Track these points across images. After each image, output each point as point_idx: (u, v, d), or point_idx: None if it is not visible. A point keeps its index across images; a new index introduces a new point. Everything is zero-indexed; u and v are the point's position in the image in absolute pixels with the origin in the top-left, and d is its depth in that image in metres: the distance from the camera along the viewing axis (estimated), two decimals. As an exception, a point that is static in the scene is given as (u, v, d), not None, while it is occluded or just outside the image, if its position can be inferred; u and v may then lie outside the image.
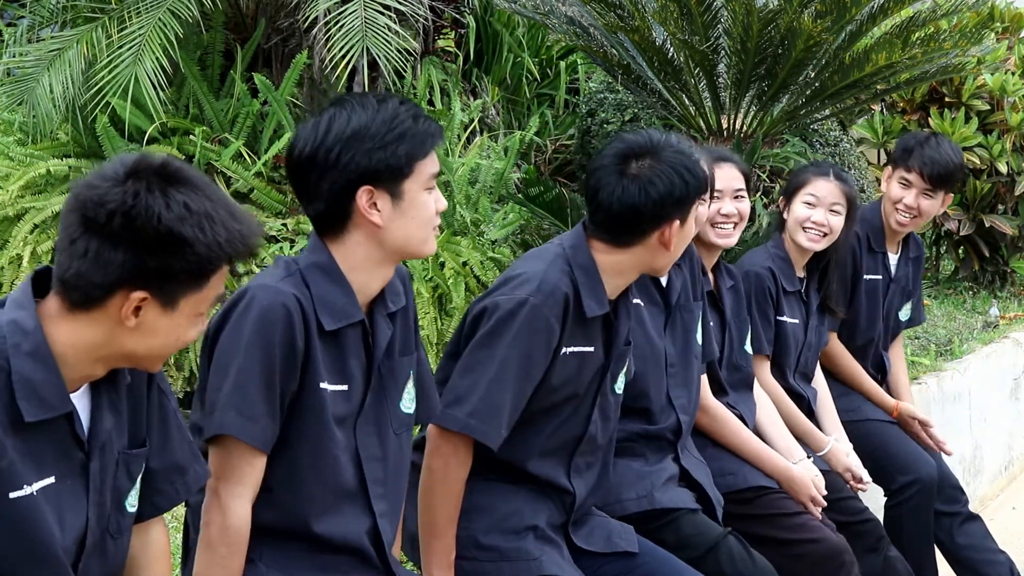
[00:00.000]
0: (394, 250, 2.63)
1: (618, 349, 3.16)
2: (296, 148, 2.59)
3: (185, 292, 2.14)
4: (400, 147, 2.56)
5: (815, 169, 4.40)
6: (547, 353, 2.98)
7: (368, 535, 2.68)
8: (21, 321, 2.13)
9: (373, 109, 2.57)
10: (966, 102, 7.81)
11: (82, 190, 2.11)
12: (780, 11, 5.78)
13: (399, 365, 2.73)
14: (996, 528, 5.01)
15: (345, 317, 2.60)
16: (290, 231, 5.62)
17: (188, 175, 2.15)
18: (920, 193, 4.64)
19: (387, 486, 2.70)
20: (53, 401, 2.14)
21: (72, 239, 2.10)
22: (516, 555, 3.02)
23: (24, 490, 2.12)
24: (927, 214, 4.70)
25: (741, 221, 3.94)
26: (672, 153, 3.06)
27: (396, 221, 2.59)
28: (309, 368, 2.57)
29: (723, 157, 4.01)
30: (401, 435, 2.75)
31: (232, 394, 2.50)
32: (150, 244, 2.08)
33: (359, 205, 2.57)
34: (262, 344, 2.50)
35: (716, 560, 3.35)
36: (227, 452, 2.53)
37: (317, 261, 2.62)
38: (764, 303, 4.23)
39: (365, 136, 2.55)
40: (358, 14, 5.62)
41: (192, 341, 2.24)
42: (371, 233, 2.60)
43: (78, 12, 6.17)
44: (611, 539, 3.21)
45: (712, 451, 3.77)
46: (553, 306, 2.96)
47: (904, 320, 4.96)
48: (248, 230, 2.17)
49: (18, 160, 6.08)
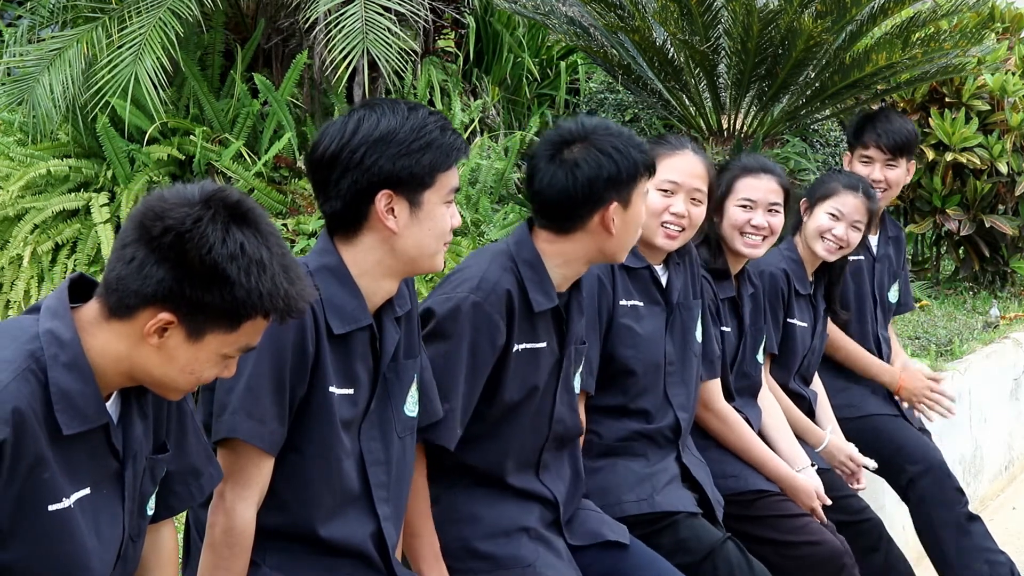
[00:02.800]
0: (405, 259, 2.62)
1: (573, 346, 3.14)
2: (321, 145, 2.59)
3: (213, 329, 2.12)
4: (425, 156, 2.57)
5: (846, 181, 4.36)
6: (493, 349, 2.95)
7: (372, 539, 2.68)
8: (58, 331, 2.12)
9: (403, 115, 2.58)
10: (966, 102, 7.81)
11: (152, 199, 2.12)
12: (780, 11, 5.78)
13: (404, 368, 2.73)
14: (996, 528, 5.00)
15: (354, 321, 2.61)
16: (290, 231, 5.62)
17: (257, 219, 2.13)
18: (883, 165, 4.75)
19: (391, 490, 2.70)
20: (90, 413, 2.13)
21: (124, 243, 2.10)
22: (511, 563, 3.00)
23: (63, 503, 2.12)
24: (896, 184, 4.80)
25: (771, 235, 3.91)
26: (602, 136, 3.02)
27: (411, 229, 2.59)
28: (318, 372, 2.57)
29: (764, 168, 3.96)
30: (405, 439, 2.74)
31: (243, 397, 2.50)
32: (192, 271, 2.07)
33: (377, 208, 2.56)
34: (274, 348, 2.50)
35: (713, 565, 3.34)
36: (235, 454, 2.53)
37: (327, 263, 2.61)
38: (776, 303, 4.22)
39: (392, 140, 2.55)
40: (358, 14, 5.62)
41: (209, 381, 2.22)
42: (384, 239, 2.60)
43: (78, 12, 6.18)
44: (600, 531, 3.20)
45: (715, 453, 3.76)
46: (495, 302, 2.94)
47: (893, 302, 4.97)
48: (296, 292, 2.15)
49: (18, 160, 6.08)
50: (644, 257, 3.51)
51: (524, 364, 3.02)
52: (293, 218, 5.71)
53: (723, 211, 3.90)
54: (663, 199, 3.47)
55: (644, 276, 3.51)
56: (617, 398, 3.45)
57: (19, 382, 2.06)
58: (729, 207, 3.90)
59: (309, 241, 5.52)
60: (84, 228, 5.86)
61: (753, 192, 3.89)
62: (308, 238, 5.55)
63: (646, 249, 3.50)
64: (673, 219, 3.47)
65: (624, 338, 3.42)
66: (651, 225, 3.44)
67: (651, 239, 3.47)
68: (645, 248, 3.50)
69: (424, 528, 2.92)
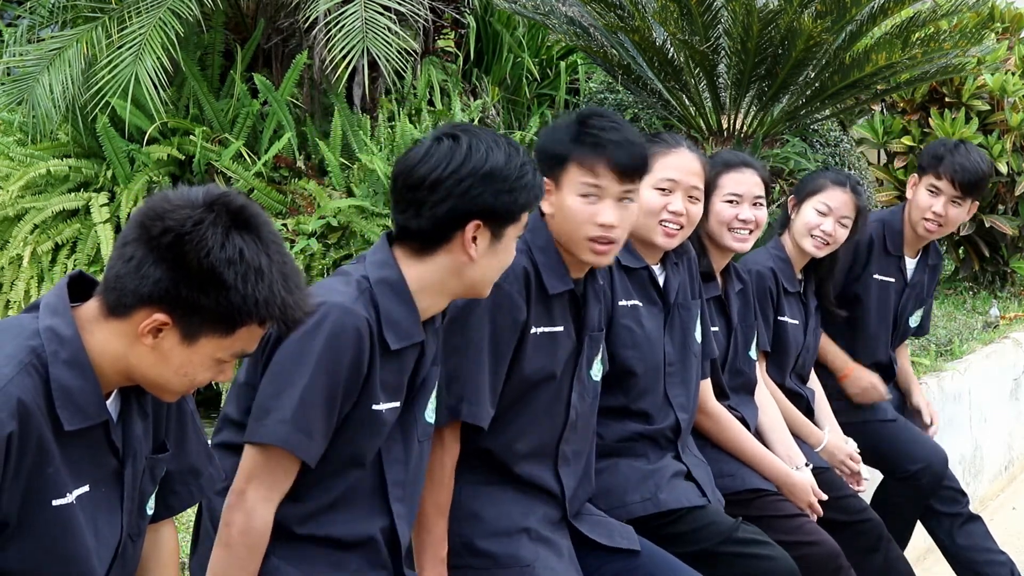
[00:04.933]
0: (468, 284, 2.69)
1: (590, 332, 3.15)
2: (426, 166, 2.62)
3: (208, 333, 2.12)
4: (521, 195, 2.65)
5: (833, 177, 4.37)
6: (514, 328, 2.98)
7: (383, 534, 2.70)
8: (58, 328, 2.12)
9: (506, 153, 2.65)
10: (966, 102, 7.81)
11: (156, 199, 2.12)
12: (780, 11, 5.78)
13: (430, 375, 2.77)
14: (996, 528, 5.01)
15: (408, 337, 2.65)
16: (290, 231, 5.62)
17: (259, 226, 2.13)
18: (949, 201, 4.66)
19: (406, 489, 2.73)
20: (90, 410, 2.14)
21: (125, 242, 2.11)
22: (510, 561, 3.01)
23: (66, 498, 2.13)
24: (953, 222, 4.73)
25: (757, 228, 3.93)
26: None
27: (486, 259, 2.66)
28: (367, 388, 2.61)
29: (745, 163, 3.99)
30: (424, 443, 2.78)
31: (295, 409, 2.52)
32: (189, 274, 2.07)
33: (464, 235, 2.62)
34: (331, 365, 2.53)
35: (732, 547, 3.37)
36: (268, 459, 2.54)
37: (386, 277, 2.65)
38: (764, 302, 4.23)
39: (498, 177, 2.62)
40: (358, 14, 5.62)
41: (204, 384, 2.22)
42: (459, 263, 2.65)
43: (78, 12, 6.17)
44: (612, 535, 3.21)
45: (711, 453, 3.76)
46: (514, 281, 2.96)
47: (913, 327, 4.97)
48: (293, 301, 2.15)
49: (18, 160, 6.08)
50: (642, 257, 3.51)
51: (542, 348, 3.04)
52: (293, 218, 5.70)
53: (708, 208, 3.91)
54: (661, 197, 3.47)
55: (642, 276, 3.51)
56: (619, 399, 3.45)
57: (22, 376, 2.07)
58: (715, 204, 3.91)
59: (309, 241, 5.51)
60: (84, 228, 5.86)
61: (738, 186, 3.91)
62: (308, 238, 5.54)
63: (644, 249, 3.50)
64: (671, 217, 3.47)
65: (625, 339, 3.42)
66: (650, 224, 3.45)
67: (650, 238, 3.47)
68: (643, 248, 3.50)
69: (437, 526, 2.94)
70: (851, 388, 4.70)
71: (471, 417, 2.93)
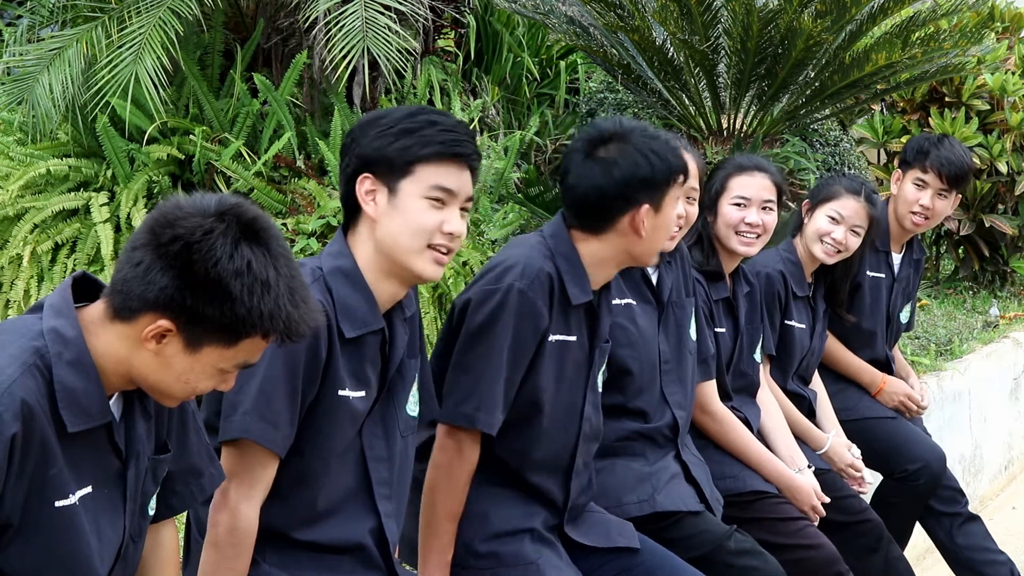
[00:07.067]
0: (385, 252, 2.61)
1: (600, 343, 3.15)
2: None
3: (211, 342, 2.12)
4: (399, 141, 2.57)
5: (848, 185, 4.35)
6: (535, 336, 2.97)
7: (372, 535, 2.69)
8: (62, 329, 2.12)
9: (405, 109, 2.62)
10: (966, 102, 7.81)
11: (168, 205, 2.11)
12: (780, 11, 5.78)
13: (407, 368, 2.75)
14: (996, 528, 5.01)
15: (364, 325, 2.62)
16: (290, 231, 5.62)
17: (269, 238, 2.12)
18: (935, 194, 4.66)
19: (392, 487, 2.71)
20: (94, 411, 2.14)
21: (135, 246, 2.10)
22: (514, 560, 3.01)
23: (69, 499, 2.13)
24: (939, 214, 4.73)
25: (765, 233, 3.91)
26: (640, 137, 3.03)
27: (387, 216, 2.59)
28: (328, 375, 2.59)
29: (758, 167, 3.97)
30: (407, 438, 2.76)
31: (256, 399, 2.50)
32: (196, 283, 2.06)
33: (358, 191, 2.59)
34: (287, 354, 2.51)
35: (724, 556, 3.35)
36: (242, 454, 2.53)
37: (340, 266, 2.62)
38: (772, 306, 4.22)
39: (376, 123, 2.59)
40: (358, 14, 5.61)
41: (206, 392, 2.22)
42: (370, 228, 2.61)
43: (78, 11, 6.17)
44: (610, 535, 3.21)
45: (713, 454, 3.76)
46: (539, 288, 2.95)
47: (904, 322, 4.97)
48: (299, 316, 2.13)
49: (18, 160, 6.07)
50: None
51: (555, 356, 3.03)
52: (293, 218, 5.70)
53: (717, 210, 3.91)
54: None
55: (635, 275, 3.50)
56: (615, 398, 3.44)
57: (26, 377, 2.07)
58: (723, 206, 3.90)
59: (309, 241, 5.52)
60: (84, 228, 5.86)
61: (747, 190, 3.89)
62: (308, 238, 5.54)
63: None
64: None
65: (620, 337, 3.41)
66: None
67: None
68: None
69: (446, 532, 2.95)
70: (888, 402, 4.71)
71: (486, 426, 2.93)
